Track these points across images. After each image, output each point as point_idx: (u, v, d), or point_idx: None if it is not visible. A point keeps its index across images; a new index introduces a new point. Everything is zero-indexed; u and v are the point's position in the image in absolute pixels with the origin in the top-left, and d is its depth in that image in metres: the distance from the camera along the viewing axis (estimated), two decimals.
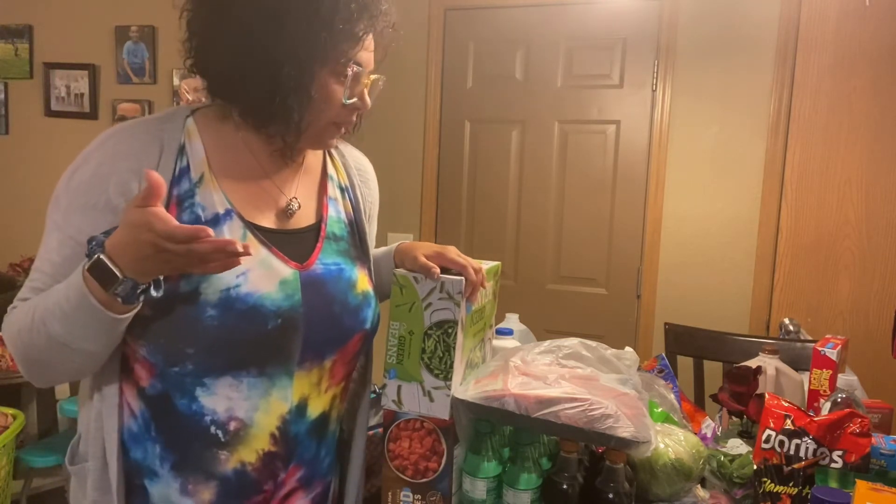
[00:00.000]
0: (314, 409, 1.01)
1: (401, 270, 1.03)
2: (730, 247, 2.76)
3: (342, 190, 1.11)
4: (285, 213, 1.01)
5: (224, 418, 0.94)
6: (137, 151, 0.91)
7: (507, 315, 1.63)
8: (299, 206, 1.02)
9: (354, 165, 1.15)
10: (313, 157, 1.09)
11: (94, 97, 3.62)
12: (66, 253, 0.90)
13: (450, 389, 1.01)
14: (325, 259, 1.01)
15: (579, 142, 2.98)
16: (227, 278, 0.90)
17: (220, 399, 0.93)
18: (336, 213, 1.07)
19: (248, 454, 0.96)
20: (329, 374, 1.02)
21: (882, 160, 2.55)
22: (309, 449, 1.02)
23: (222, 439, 0.94)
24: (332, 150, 1.13)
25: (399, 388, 1.03)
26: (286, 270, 0.96)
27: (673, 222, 2.84)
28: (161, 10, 3.49)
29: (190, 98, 3.47)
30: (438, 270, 1.01)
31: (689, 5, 2.75)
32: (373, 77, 0.99)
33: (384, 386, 1.04)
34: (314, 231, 1.03)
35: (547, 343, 1.16)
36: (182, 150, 0.94)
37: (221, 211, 0.93)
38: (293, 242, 0.99)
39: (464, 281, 1.00)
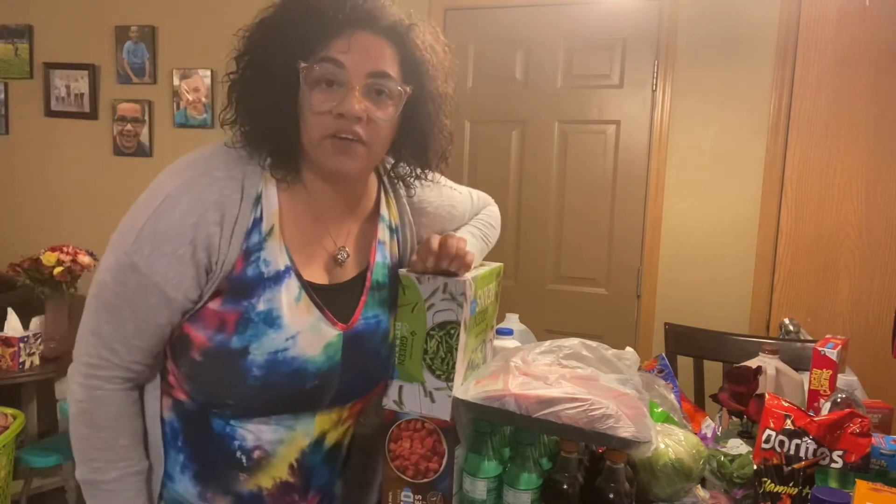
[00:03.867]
0: (330, 440, 1.04)
1: (403, 271, 1.03)
2: (730, 247, 2.77)
3: (392, 231, 1.08)
4: (335, 261, 1.00)
5: (251, 447, 0.97)
6: (223, 202, 0.89)
7: (508, 315, 1.64)
8: (348, 256, 1.02)
9: (409, 199, 1.10)
10: (367, 197, 1.06)
11: (94, 97, 3.62)
12: (150, 301, 0.89)
13: (451, 390, 1.01)
14: (366, 313, 1.02)
15: (579, 142, 2.98)
16: (277, 340, 0.91)
17: (251, 430, 0.96)
18: (382, 258, 1.06)
19: (266, 480, 0.99)
20: (349, 412, 1.05)
21: (882, 160, 2.55)
22: (322, 476, 1.05)
23: (245, 464, 0.97)
24: (388, 189, 1.09)
25: (401, 388, 1.03)
26: (332, 333, 0.97)
27: (673, 222, 2.84)
28: (161, 10, 3.49)
29: (190, 98, 3.47)
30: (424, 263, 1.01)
31: (689, 5, 2.75)
32: (370, 81, 0.90)
33: (386, 386, 1.04)
34: (359, 282, 1.03)
35: (547, 343, 1.16)
36: (258, 200, 0.92)
37: (282, 268, 0.93)
38: (340, 297, 1.00)
39: (467, 282, 1.01)
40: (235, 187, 0.90)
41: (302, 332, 0.93)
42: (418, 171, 1.05)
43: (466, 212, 1.20)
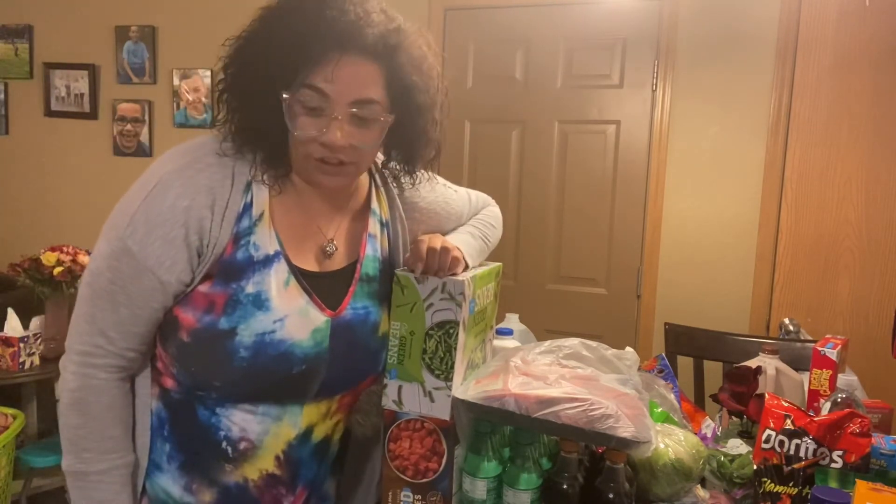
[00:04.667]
0: (318, 434, 1.04)
1: (402, 271, 1.03)
2: (730, 247, 2.77)
3: (382, 225, 1.09)
4: (324, 252, 1.01)
5: (236, 437, 0.97)
6: (214, 186, 0.91)
7: (507, 315, 1.63)
8: (336, 249, 1.02)
9: (401, 194, 1.11)
10: (357, 193, 1.07)
11: (94, 97, 3.62)
12: (144, 285, 0.90)
13: (450, 390, 1.01)
14: (355, 303, 1.02)
15: (579, 142, 2.98)
16: (265, 322, 0.92)
17: (236, 420, 0.96)
18: (373, 251, 1.06)
19: (252, 472, 0.99)
20: (337, 404, 1.05)
21: (882, 160, 2.55)
22: (310, 470, 1.05)
23: (230, 455, 0.97)
24: (380, 184, 1.10)
25: (400, 388, 1.03)
26: (320, 319, 0.97)
27: (673, 222, 2.84)
28: (161, 10, 3.49)
29: (190, 98, 3.47)
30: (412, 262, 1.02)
31: (689, 5, 2.75)
32: (354, 110, 0.89)
33: (385, 386, 1.04)
34: (349, 272, 1.03)
35: (547, 343, 1.16)
36: (248, 187, 0.94)
37: (272, 252, 0.94)
38: (329, 285, 1.00)
39: (465, 282, 1.01)
40: (226, 173, 0.92)
41: (290, 315, 0.94)
42: (407, 168, 1.06)
43: (464, 211, 1.20)
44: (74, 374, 0.94)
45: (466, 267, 1.07)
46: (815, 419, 1.06)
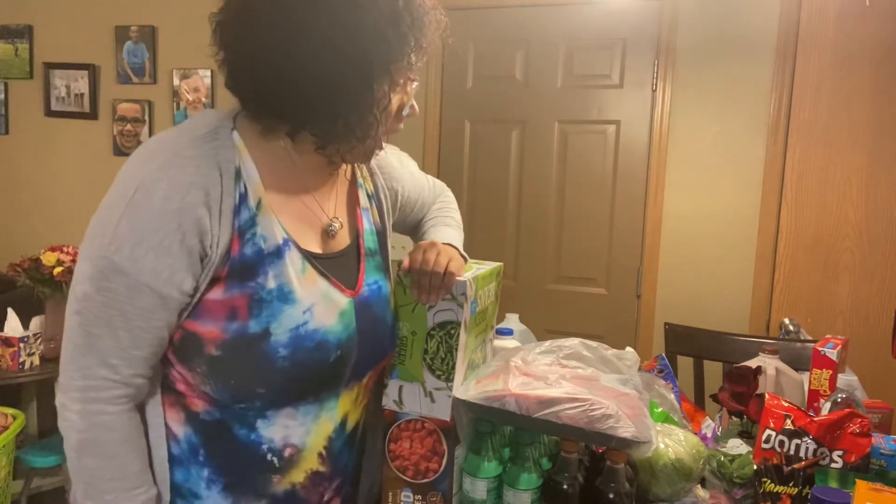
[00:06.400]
0: (351, 422, 1.02)
1: (403, 271, 1.03)
2: (730, 247, 2.76)
3: (370, 197, 1.08)
4: (327, 233, 0.98)
5: (280, 446, 0.94)
6: (203, 180, 0.83)
7: (507, 315, 1.64)
8: (341, 226, 1.00)
9: (377, 164, 1.10)
10: (343, 167, 1.04)
11: (94, 97, 3.62)
12: (142, 303, 0.83)
13: (451, 390, 1.01)
14: (368, 279, 1.01)
15: (579, 142, 2.98)
16: (295, 315, 0.89)
17: (278, 428, 0.93)
18: (368, 224, 1.05)
19: (298, 475, 0.96)
20: (365, 388, 1.04)
21: (882, 160, 2.55)
22: (344, 458, 1.03)
23: (277, 465, 0.94)
24: None
25: (401, 388, 1.03)
26: (343, 300, 0.96)
27: (673, 222, 2.84)
28: (161, 10, 3.49)
29: (190, 98, 3.47)
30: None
31: (689, 5, 2.75)
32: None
33: (385, 386, 1.05)
34: (354, 250, 1.02)
35: (548, 343, 1.16)
36: (238, 174, 0.87)
37: (280, 241, 0.90)
38: (341, 266, 0.98)
39: (467, 283, 1.01)
40: (211, 164, 0.85)
41: (316, 302, 0.91)
42: None
43: (424, 186, 1.22)
44: (80, 414, 0.85)
45: (465, 262, 1.08)
46: (815, 419, 1.06)
